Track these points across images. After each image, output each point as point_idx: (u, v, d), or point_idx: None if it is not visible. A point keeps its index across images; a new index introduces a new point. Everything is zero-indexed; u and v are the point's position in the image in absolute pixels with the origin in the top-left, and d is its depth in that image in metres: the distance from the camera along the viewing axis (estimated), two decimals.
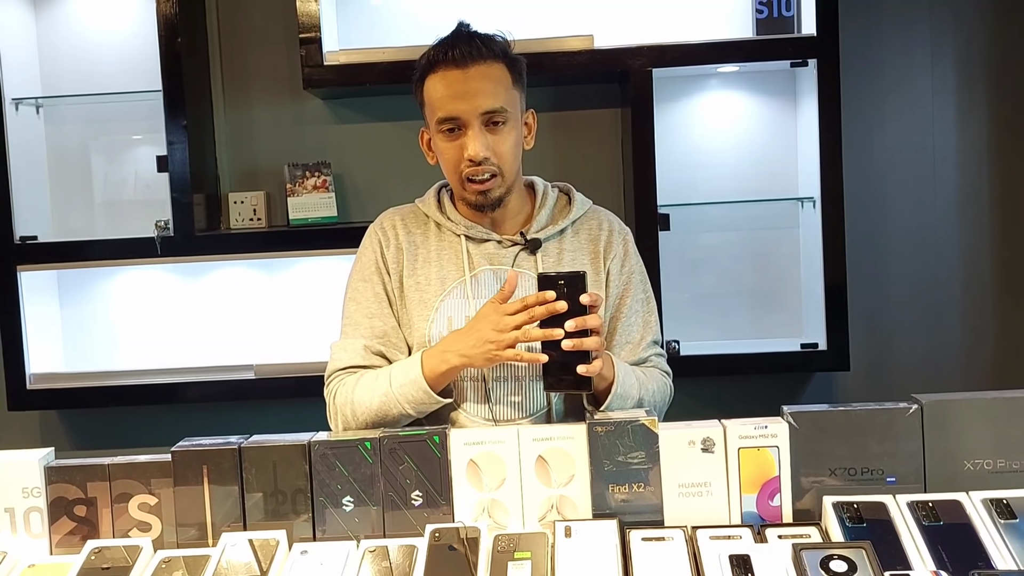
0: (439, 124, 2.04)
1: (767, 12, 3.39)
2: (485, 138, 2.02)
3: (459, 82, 2.01)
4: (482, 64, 2.02)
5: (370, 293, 2.15)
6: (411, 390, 1.98)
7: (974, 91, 3.56)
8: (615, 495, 1.71)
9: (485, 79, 2.02)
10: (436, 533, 1.64)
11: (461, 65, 2.01)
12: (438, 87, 2.03)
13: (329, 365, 2.14)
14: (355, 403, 2.03)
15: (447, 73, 2.02)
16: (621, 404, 1.98)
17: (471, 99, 2.01)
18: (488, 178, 2.04)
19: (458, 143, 2.04)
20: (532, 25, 3.40)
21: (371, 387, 2.03)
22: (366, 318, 2.13)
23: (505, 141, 2.05)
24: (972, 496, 1.65)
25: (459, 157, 2.04)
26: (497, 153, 2.04)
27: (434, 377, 1.98)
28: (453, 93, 2.01)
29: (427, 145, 2.16)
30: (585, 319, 1.84)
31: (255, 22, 3.60)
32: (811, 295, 3.49)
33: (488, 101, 2.01)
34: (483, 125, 2.02)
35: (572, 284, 1.85)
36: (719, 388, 3.52)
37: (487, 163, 2.03)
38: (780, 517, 1.71)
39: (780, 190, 3.56)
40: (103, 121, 3.62)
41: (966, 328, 3.62)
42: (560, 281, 1.85)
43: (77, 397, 3.46)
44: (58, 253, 3.42)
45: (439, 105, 2.03)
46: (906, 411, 1.71)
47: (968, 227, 3.59)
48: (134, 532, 1.76)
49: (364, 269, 2.17)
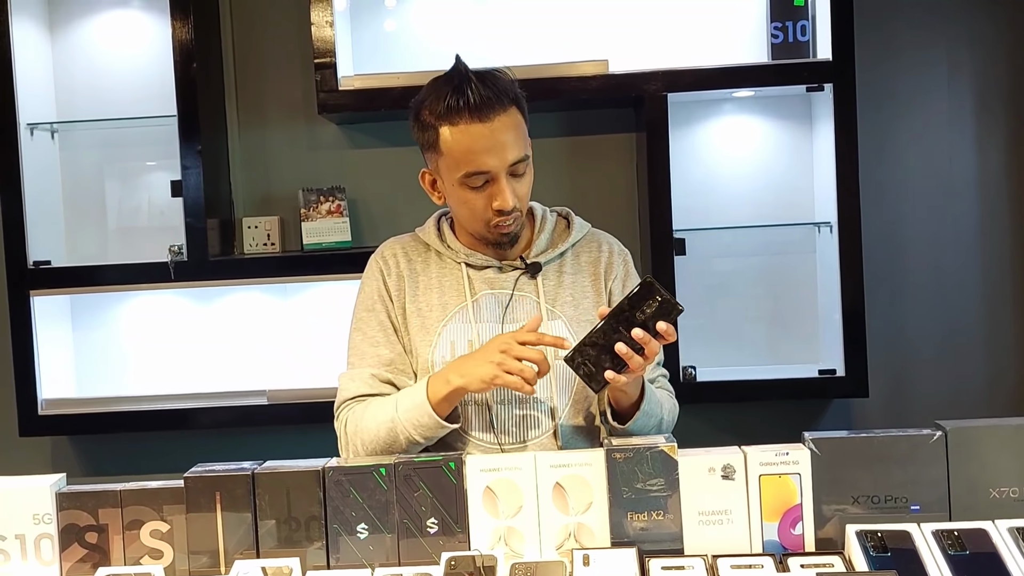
0: (465, 178, 2.01)
1: (782, 37, 3.38)
2: (512, 187, 2.02)
3: (484, 137, 1.98)
4: (503, 114, 1.99)
5: (375, 322, 2.14)
6: (416, 415, 1.97)
7: (991, 115, 3.53)
8: (634, 523, 1.68)
9: (508, 130, 2.00)
10: (452, 561, 1.61)
11: (484, 119, 1.97)
12: (461, 141, 1.99)
13: (338, 397, 2.13)
14: (363, 431, 2.02)
15: (469, 127, 1.98)
16: (645, 423, 1.98)
17: (499, 153, 1.99)
18: (512, 222, 2.05)
19: (486, 194, 2.02)
20: (546, 50, 3.40)
21: (378, 415, 2.01)
22: (372, 347, 2.13)
23: (525, 184, 2.06)
24: (998, 524, 1.62)
25: (486, 206, 2.03)
26: (519, 197, 2.04)
27: (437, 401, 1.96)
28: (480, 148, 1.98)
29: (431, 186, 2.14)
30: (651, 339, 1.83)
31: (270, 47, 3.60)
32: (828, 320, 3.46)
33: (514, 152, 2.00)
34: (508, 175, 2.02)
35: (663, 309, 1.83)
36: (736, 414, 3.49)
37: (515, 211, 2.03)
38: (802, 546, 1.68)
39: (796, 215, 3.54)
40: (118, 146, 3.62)
41: (987, 353, 3.58)
42: (658, 297, 1.82)
43: (89, 423, 3.44)
44: (71, 278, 3.41)
45: (465, 160, 2.00)
46: (930, 437, 1.69)
47: (987, 251, 3.56)
48: (146, 559, 1.74)
49: (367, 299, 2.17)
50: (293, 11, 3.52)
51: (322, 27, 3.29)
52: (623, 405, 1.98)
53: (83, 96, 3.58)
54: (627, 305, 1.84)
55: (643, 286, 1.83)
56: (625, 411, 1.99)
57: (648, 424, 2.00)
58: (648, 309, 1.82)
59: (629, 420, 1.97)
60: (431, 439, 2.00)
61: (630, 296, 1.83)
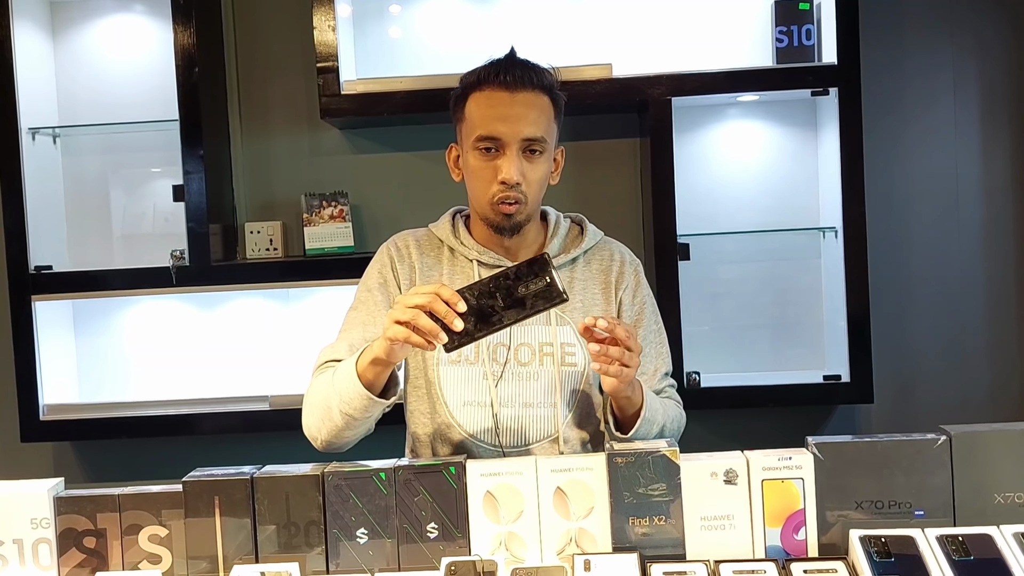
0: (477, 141, 2.03)
1: (787, 41, 3.36)
2: (521, 163, 2.02)
3: (504, 104, 2.01)
4: (530, 92, 2.03)
5: (371, 302, 2.14)
6: (345, 382, 1.90)
7: (997, 120, 3.52)
8: (635, 528, 1.67)
9: (530, 107, 2.02)
10: (452, 566, 1.60)
11: (510, 88, 2.02)
12: (482, 105, 2.03)
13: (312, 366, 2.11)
14: (308, 401, 2.01)
15: (493, 93, 2.03)
16: (648, 430, 1.96)
17: (514, 123, 2.01)
18: (514, 203, 2.04)
19: (493, 164, 2.03)
20: (550, 54, 3.34)
21: (320, 381, 1.99)
22: (360, 325, 2.11)
23: (538, 170, 2.06)
24: (1003, 530, 1.61)
25: (491, 177, 2.03)
26: (528, 180, 2.04)
27: (363, 367, 1.88)
28: (497, 114, 2.01)
29: (454, 162, 2.16)
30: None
31: (273, 52, 3.60)
32: (833, 326, 3.45)
33: (530, 128, 2.01)
34: (520, 151, 2.02)
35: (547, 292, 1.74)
36: (740, 421, 3.48)
37: (518, 188, 2.02)
38: (805, 551, 1.67)
39: (801, 220, 3.53)
40: (120, 151, 3.62)
41: (993, 360, 3.56)
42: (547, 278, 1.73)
43: (91, 428, 3.43)
44: (73, 283, 3.40)
45: (481, 123, 2.02)
46: (934, 442, 1.67)
47: (993, 257, 3.54)
48: (144, 564, 1.73)
49: (370, 280, 2.17)
50: (295, 15, 3.51)
51: (324, 31, 3.28)
52: (627, 414, 1.96)
53: (85, 101, 3.58)
54: (513, 273, 1.75)
55: (538, 261, 1.75)
56: (627, 420, 1.97)
57: (650, 432, 1.99)
58: (532, 286, 1.73)
59: (631, 430, 1.95)
60: (359, 412, 1.90)
61: (519, 265, 1.75)
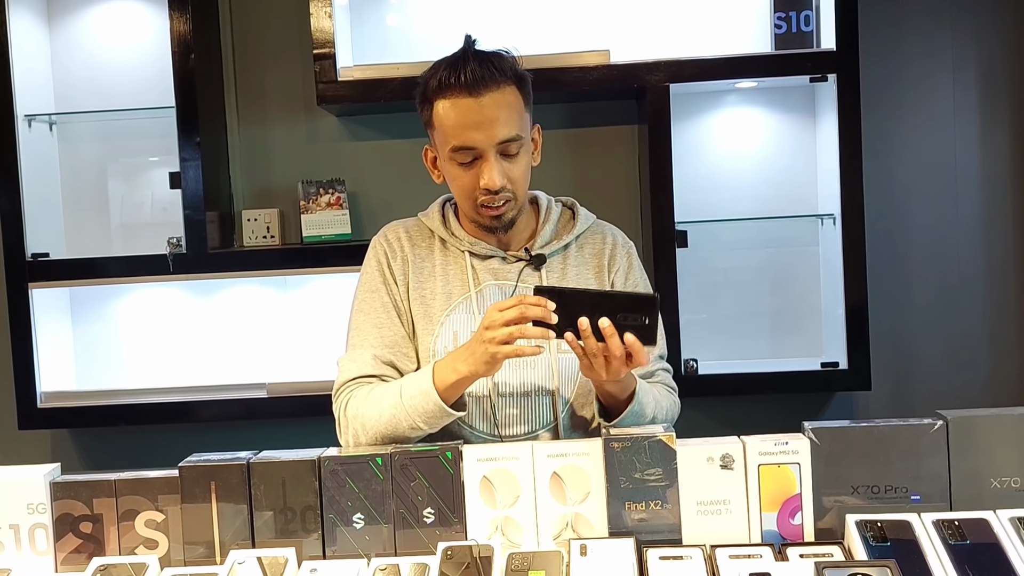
0: (453, 152, 1.99)
1: (786, 27, 3.35)
2: (501, 166, 1.98)
3: (473, 111, 1.96)
4: (495, 91, 1.96)
5: (377, 303, 2.11)
6: (422, 402, 1.92)
7: (996, 107, 3.51)
8: (632, 513, 1.67)
9: (499, 107, 1.97)
10: (448, 551, 1.60)
11: (474, 93, 1.95)
12: (450, 114, 1.98)
13: (337, 379, 2.09)
14: (365, 416, 1.98)
15: (459, 100, 1.96)
16: (636, 420, 1.94)
17: (486, 129, 1.96)
18: (502, 204, 2.02)
19: (473, 172, 2.00)
20: (547, 40, 3.38)
21: (381, 400, 1.97)
22: (375, 328, 2.09)
23: (519, 166, 2.02)
24: (999, 514, 1.61)
25: (473, 185, 2.00)
26: (512, 179, 2.00)
27: (445, 388, 1.91)
28: (467, 122, 1.96)
29: (432, 163, 2.13)
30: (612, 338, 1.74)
31: (269, 39, 3.59)
32: (831, 313, 3.45)
33: (504, 130, 1.97)
34: (498, 154, 1.98)
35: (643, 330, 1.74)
36: (737, 408, 3.48)
37: (503, 191, 2.00)
38: (801, 536, 1.67)
39: (799, 207, 3.52)
40: (117, 138, 3.61)
41: (990, 346, 3.57)
42: (646, 320, 1.74)
43: (88, 416, 3.43)
44: (70, 270, 3.40)
45: (452, 134, 1.98)
46: (931, 427, 1.67)
47: (991, 244, 3.54)
48: (140, 549, 1.73)
49: (370, 280, 2.14)
50: (292, 2, 3.50)
51: (321, 18, 3.28)
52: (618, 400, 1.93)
53: (81, 88, 3.57)
54: (621, 299, 1.77)
55: (647, 299, 1.76)
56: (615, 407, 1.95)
57: (640, 423, 1.94)
58: (632, 320, 1.74)
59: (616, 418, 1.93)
60: (435, 427, 1.95)
61: (631, 295, 1.78)
